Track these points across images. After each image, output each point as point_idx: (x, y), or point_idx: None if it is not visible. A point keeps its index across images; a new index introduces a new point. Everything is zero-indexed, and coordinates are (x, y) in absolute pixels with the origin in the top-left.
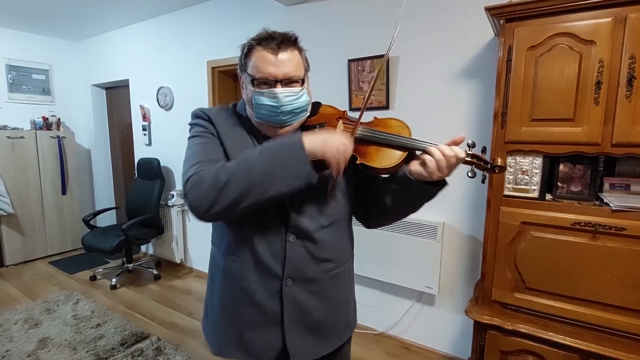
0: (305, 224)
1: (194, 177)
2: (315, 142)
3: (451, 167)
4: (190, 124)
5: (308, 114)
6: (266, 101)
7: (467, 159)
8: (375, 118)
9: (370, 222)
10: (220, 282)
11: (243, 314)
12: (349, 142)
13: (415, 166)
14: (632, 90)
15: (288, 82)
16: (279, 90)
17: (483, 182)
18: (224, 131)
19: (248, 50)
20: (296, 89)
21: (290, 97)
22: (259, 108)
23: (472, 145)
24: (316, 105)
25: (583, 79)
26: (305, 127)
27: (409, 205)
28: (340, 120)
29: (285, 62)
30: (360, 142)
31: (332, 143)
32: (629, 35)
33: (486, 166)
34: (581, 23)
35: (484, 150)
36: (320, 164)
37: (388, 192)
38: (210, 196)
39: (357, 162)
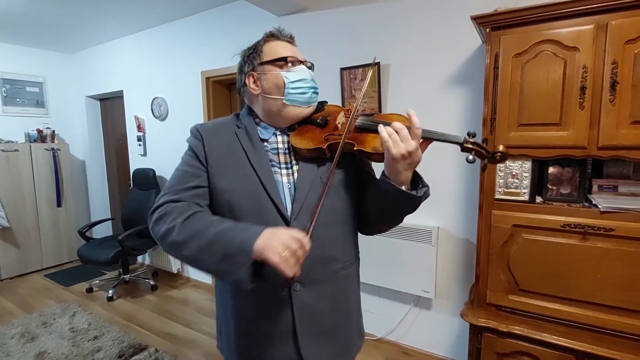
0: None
1: (162, 209)
2: (262, 244)
3: (406, 139)
4: (187, 142)
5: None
6: (298, 76)
7: (466, 145)
8: (376, 113)
9: (364, 229)
10: (230, 299)
11: (257, 329)
12: (305, 240)
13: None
14: (615, 95)
15: (306, 64)
16: (304, 67)
17: (483, 169)
18: (216, 150)
19: (261, 46)
20: (311, 72)
21: (312, 76)
22: (290, 87)
23: (472, 135)
24: (323, 103)
25: (568, 84)
26: (310, 120)
27: (388, 211)
28: (342, 112)
29: (299, 52)
30: (360, 131)
31: (276, 244)
32: (610, 41)
33: (487, 154)
34: (564, 30)
35: (484, 141)
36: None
37: (371, 195)
38: (167, 242)
39: (355, 149)
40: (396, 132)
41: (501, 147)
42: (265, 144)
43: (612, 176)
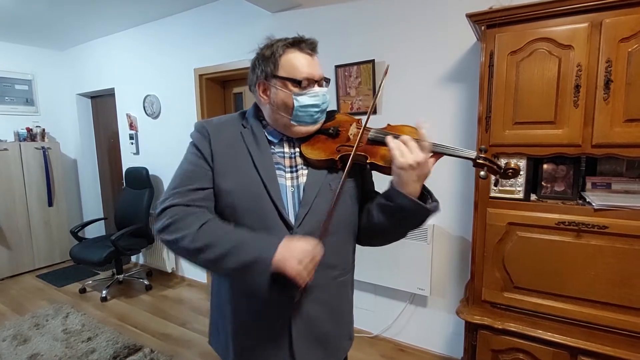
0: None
1: (170, 213)
2: (280, 257)
3: (414, 150)
4: (190, 137)
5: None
6: (309, 101)
7: (478, 161)
8: (388, 125)
9: (361, 239)
10: (228, 302)
11: (254, 332)
12: (317, 250)
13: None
14: (609, 93)
15: (321, 83)
16: (319, 89)
17: (496, 185)
18: (221, 149)
19: (279, 55)
20: (326, 88)
21: (326, 96)
22: (299, 110)
23: (484, 150)
24: (333, 113)
25: (563, 82)
26: (321, 130)
27: (394, 224)
28: (354, 124)
29: (318, 64)
30: (372, 143)
31: (293, 257)
32: (604, 39)
33: (499, 170)
34: (559, 28)
35: (496, 156)
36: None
37: (377, 206)
38: (179, 247)
39: (367, 161)
40: (404, 143)
41: (512, 164)
42: (272, 146)
43: (605, 174)
